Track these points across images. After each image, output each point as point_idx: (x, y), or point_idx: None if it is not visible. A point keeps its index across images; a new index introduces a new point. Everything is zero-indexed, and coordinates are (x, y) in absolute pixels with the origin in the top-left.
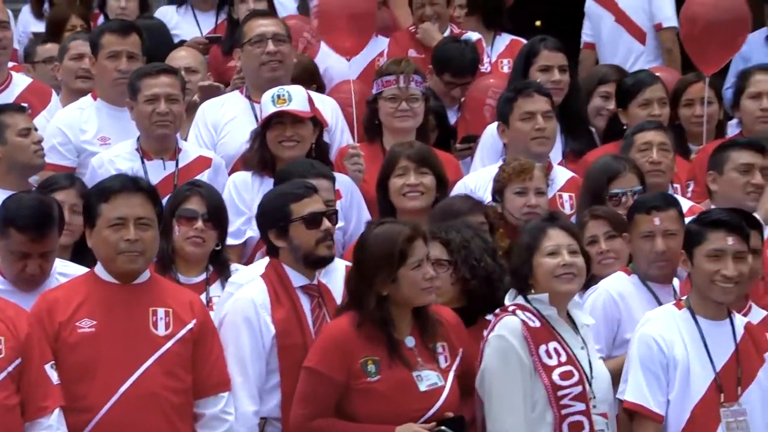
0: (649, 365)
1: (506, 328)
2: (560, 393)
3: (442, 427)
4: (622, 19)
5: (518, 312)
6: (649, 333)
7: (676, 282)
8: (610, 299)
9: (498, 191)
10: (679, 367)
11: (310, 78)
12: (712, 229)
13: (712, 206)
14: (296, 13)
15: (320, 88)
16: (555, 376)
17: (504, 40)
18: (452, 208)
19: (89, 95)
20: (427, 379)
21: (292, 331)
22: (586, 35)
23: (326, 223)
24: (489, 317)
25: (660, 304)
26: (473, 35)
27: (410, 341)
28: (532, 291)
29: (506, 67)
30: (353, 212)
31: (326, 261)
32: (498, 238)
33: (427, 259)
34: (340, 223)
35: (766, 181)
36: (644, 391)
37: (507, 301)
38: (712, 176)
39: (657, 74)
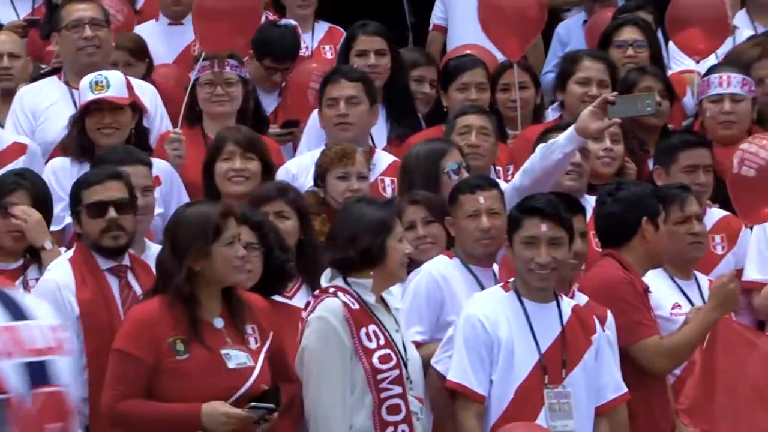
0: (473, 345)
1: (327, 310)
2: (380, 376)
3: (252, 403)
4: None
5: (339, 294)
6: (474, 314)
7: (495, 267)
8: (433, 281)
9: (320, 176)
10: (503, 348)
11: (142, 53)
12: (527, 215)
13: None
14: None
15: (151, 63)
16: (375, 359)
17: (323, 26)
18: (258, 194)
19: None
20: (236, 358)
21: (98, 312)
22: (436, 17)
23: (111, 213)
24: (308, 299)
25: (482, 286)
26: (291, 21)
27: (219, 322)
28: (355, 274)
29: (329, 53)
30: (173, 198)
31: (113, 252)
32: (320, 223)
33: (239, 240)
34: (159, 210)
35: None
36: (467, 371)
37: (323, 282)
38: None
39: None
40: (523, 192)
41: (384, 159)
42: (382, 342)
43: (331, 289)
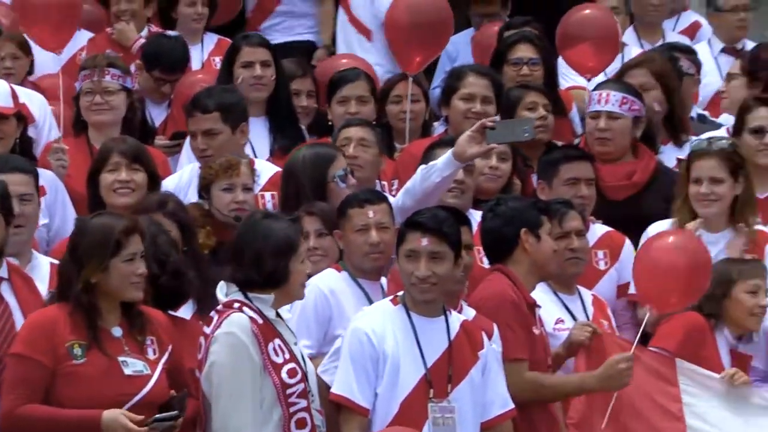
0: (359, 359)
1: (235, 325)
2: (288, 391)
3: (156, 415)
4: (352, 18)
5: (245, 309)
6: (361, 327)
7: (384, 280)
8: (321, 295)
9: (204, 188)
10: (389, 362)
11: (29, 48)
12: (410, 229)
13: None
14: None
15: (33, 63)
16: (283, 373)
17: (212, 38)
18: (138, 207)
19: None
20: (133, 365)
21: None
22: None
23: None
24: (212, 314)
25: (370, 300)
26: (176, 33)
27: (117, 331)
28: (256, 290)
29: (219, 64)
30: (57, 208)
31: None
32: (204, 235)
33: (141, 257)
34: (44, 220)
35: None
36: (352, 384)
37: (220, 295)
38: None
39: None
40: (406, 212)
41: (265, 172)
42: (287, 356)
43: (236, 304)
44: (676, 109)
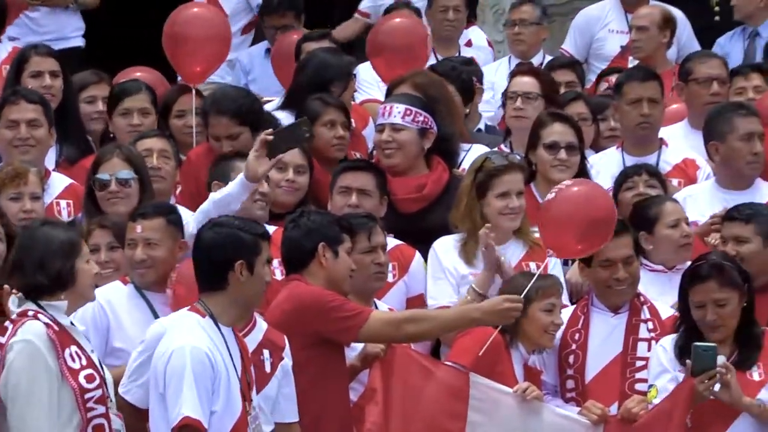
0: (201, 379)
1: (31, 332)
2: (87, 396)
3: None
4: None
5: (40, 316)
6: (199, 346)
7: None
8: (98, 307)
9: None
10: (222, 378)
11: None
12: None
13: None
14: None
15: None
16: (81, 379)
17: (6, 47)
18: None
19: None
20: None
21: None
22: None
23: None
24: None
25: (154, 312)
26: None
27: None
28: (46, 297)
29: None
30: None
31: None
32: None
33: None
34: None
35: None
36: (200, 407)
37: (12, 308)
38: None
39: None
40: None
41: (59, 181)
42: (84, 362)
43: (30, 312)
44: (444, 123)
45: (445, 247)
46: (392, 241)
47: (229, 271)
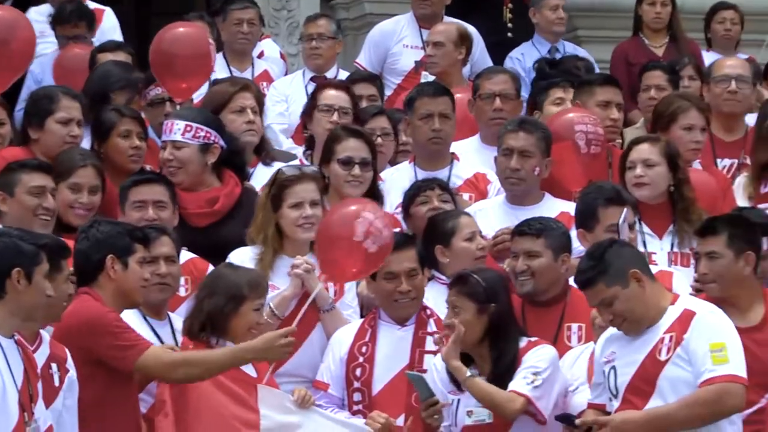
0: None
1: None
2: None
3: None
4: None
5: None
6: None
7: None
8: None
9: None
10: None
11: None
12: None
13: None
14: None
15: None
16: None
17: None
18: None
19: None
20: None
21: None
22: None
23: None
24: None
25: None
26: None
27: None
28: None
29: None
30: None
31: None
32: None
33: None
34: None
35: None
36: None
37: None
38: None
39: None
40: None
41: None
42: None
43: None
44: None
45: (241, 259)
46: (186, 255)
47: (6, 279)
